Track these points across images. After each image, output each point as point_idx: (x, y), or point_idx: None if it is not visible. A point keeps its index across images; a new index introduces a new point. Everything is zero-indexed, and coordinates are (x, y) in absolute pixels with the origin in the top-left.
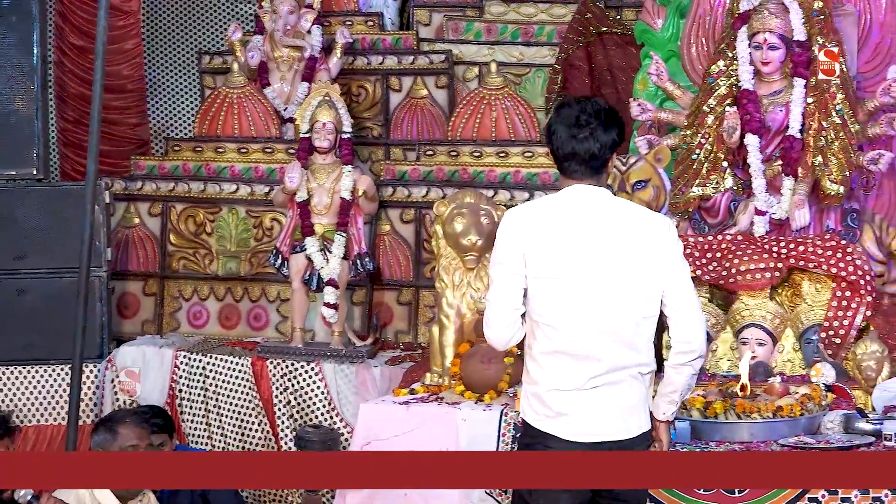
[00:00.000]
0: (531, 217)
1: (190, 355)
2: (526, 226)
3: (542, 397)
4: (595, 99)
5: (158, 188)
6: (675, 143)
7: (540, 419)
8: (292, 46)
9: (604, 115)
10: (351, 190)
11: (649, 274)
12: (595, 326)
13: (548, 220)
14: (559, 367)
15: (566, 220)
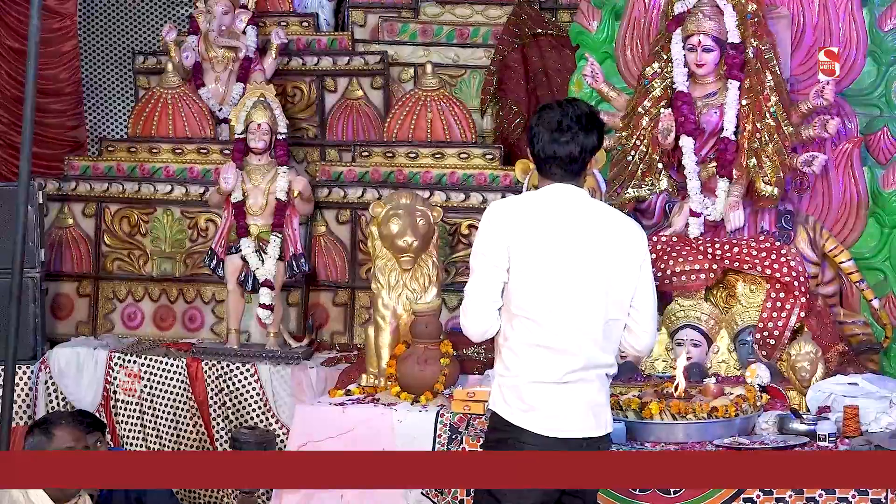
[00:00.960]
0: (516, 211)
1: (125, 357)
2: (511, 220)
3: (519, 389)
4: (578, 102)
5: (92, 189)
6: (610, 145)
7: (513, 412)
8: (227, 47)
9: (585, 120)
10: (286, 191)
11: (622, 277)
12: (573, 322)
13: (532, 216)
14: (538, 359)
15: (549, 218)
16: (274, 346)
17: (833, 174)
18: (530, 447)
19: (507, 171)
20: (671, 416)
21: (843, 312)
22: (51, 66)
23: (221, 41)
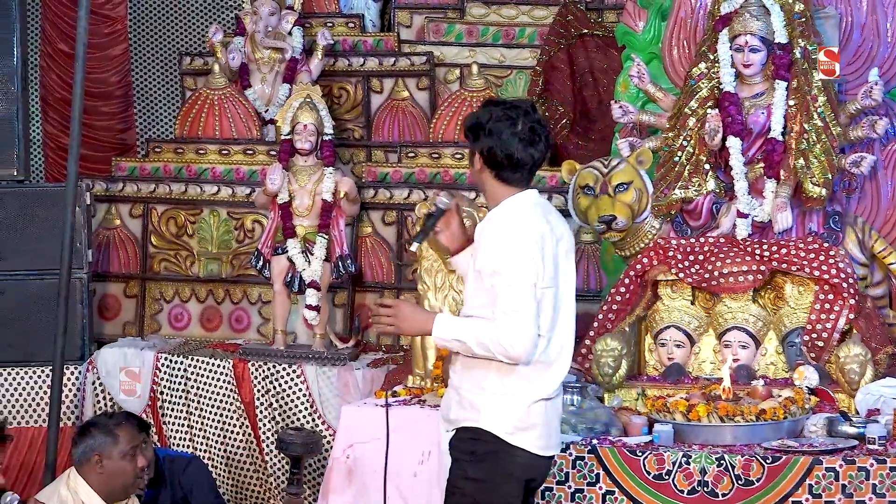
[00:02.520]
0: (538, 228)
1: (171, 357)
2: (538, 238)
3: (522, 408)
4: (530, 102)
5: (140, 190)
6: (657, 146)
7: (510, 431)
8: (273, 48)
9: (544, 123)
10: (332, 192)
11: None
12: (568, 333)
13: (545, 231)
14: (539, 375)
15: (551, 230)
16: (320, 347)
17: (881, 175)
18: (519, 466)
19: (554, 172)
20: (719, 419)
21: (892, 314)
22: (101, 69)
23: (267, 42)
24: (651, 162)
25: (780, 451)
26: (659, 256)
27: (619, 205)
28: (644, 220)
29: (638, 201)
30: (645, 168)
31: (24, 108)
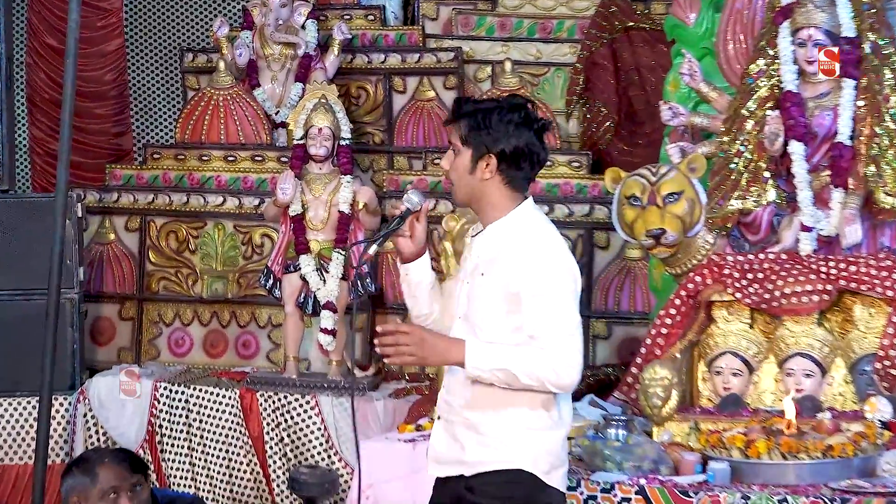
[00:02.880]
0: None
1: (171, 387)
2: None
3: (558, 444)
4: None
5: (136, 200)
6: (710, 151)
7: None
8: (285, 43)
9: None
10: (350, 202)
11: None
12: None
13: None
14: (567, 406)
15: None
16: (336, 375)
17: None
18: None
19: (596, 181)
20: (781, 456)
21: None
22: (94, 67)
23: (278, 37)
24: (704, 169)
25: (849, 493)
26: (713, 275)
27: (669, 217)
28: (697, 235)
29: (690, 213)
30: (698, 176)
31: (8, 110)
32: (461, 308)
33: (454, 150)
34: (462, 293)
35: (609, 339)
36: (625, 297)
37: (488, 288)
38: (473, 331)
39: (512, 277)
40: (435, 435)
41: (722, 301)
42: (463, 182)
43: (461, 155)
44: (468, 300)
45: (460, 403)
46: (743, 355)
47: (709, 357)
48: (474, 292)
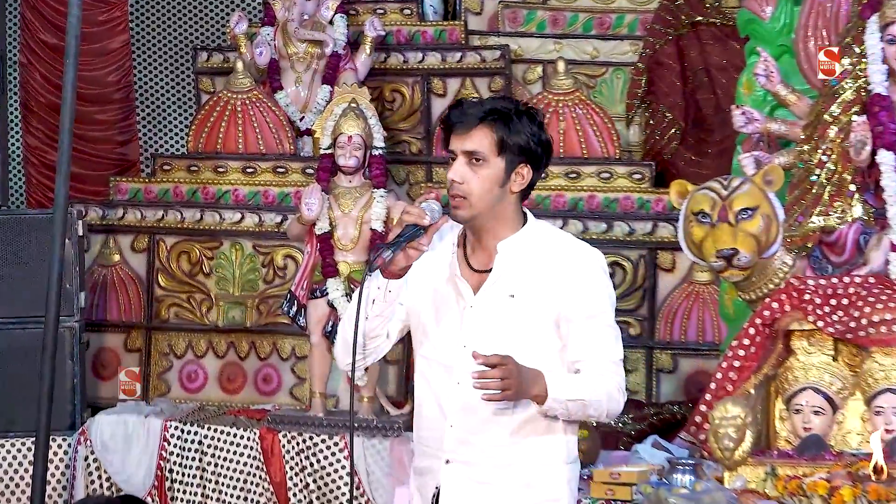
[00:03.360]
0: None
1: (183, 427)
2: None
3: (577, 477)
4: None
5: (144, 217)
6: (789, 162)
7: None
8: (310, 41)
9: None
10: (384, 220)
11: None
12: None
13: None
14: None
15: None
16: (368, 413)
17: None
18: None
19: (660, 195)
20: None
21: None
22: (95, 66)
23: (303, 33)
24: (782, 182)
25: None
26: (792, 301)
27: (743, 236)
28: (773, 255)
29: (765, 231)
30: (774, 190)
31: (0, 116)
32: (466, 336)
33: (476, 160)
34: (467, 319)
35: (675, 373)
36: (692, 326)
37: (524, 310)
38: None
39: (558, 297)
40: (447, 482)
41: (802, 330)
42: (488, 196)
43: (489, 164)
44: (481, 326)
45: (493, 442)
46: (826, 391)
47: (787, 393)
48: (498, 316)
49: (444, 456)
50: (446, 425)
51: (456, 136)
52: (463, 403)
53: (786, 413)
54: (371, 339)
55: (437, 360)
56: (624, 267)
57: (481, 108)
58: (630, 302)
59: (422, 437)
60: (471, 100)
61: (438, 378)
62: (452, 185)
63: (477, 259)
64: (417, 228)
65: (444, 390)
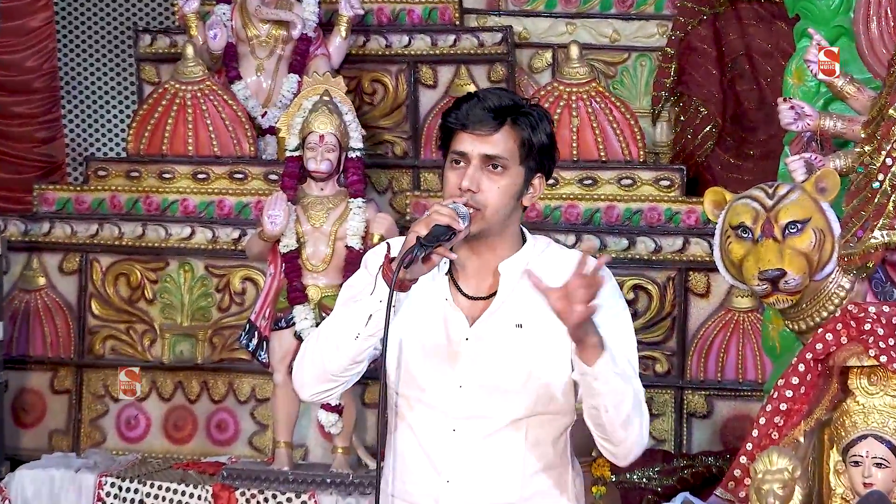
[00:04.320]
0: None
1: (121, 483)
2: None
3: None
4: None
5: (75, 232)
6: (847, 166)
7: None
8: (275, 21)
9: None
10: (362, 235)
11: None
12: None
13: None
14: None
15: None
16: (343, 467)
17: None
18: None
19: (693, 205)
20: None
21: None
22: (12, 48)
23: (266, 13)
24: (838, 190)
25: None
26: (850, 331)
27: (791, 254)
28: (828, 277)
29: (818, 247)
30: (829, 199)
31: None
32: (462, 374)
33: (495, 166)
34: (464, 354)
35: (710, 419)
36: (730, 363)
37: (535, 342)
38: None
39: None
40: None
41: (862, 367)
42: (503, 210)
43: (510, 173)
44: (481, 362)
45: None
46: (890, 440)
47: (844, 442)
48: (503, 349)
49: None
50: (440, 480)
51: (472, 135)
52: (462, 454)
53: (842, 465)
54: (354, 363)
55: (424, 402)
56: (649, 291)
57: (505, 103)
58: (657, 333)
59: (407, 491)
60: (492, 91)
61: (426, 424)
62: (464, 194)
63: (470, 283)
64: (449, 231)
65: (436, 439)
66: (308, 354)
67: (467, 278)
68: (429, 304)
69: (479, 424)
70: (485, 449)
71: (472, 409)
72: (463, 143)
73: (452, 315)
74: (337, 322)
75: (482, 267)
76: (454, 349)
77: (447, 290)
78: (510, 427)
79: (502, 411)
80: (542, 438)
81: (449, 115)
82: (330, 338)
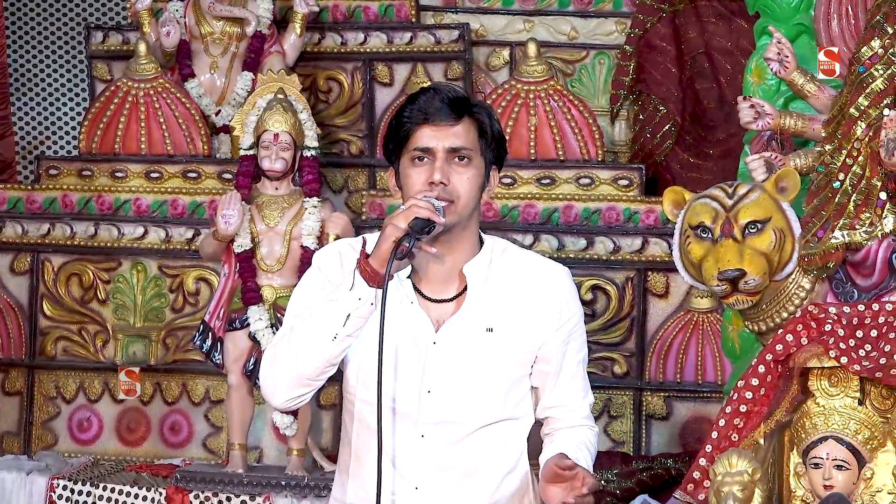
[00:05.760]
0: None
1: (73, 486)
2: None
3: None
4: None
5: (25, 232)
6: (807, 165)
7: None
8: (228, 18)
9: None
10: (317, 235)
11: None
12: None
13: None
14: None
15: None
16: (298, 469)
17: None
18: None
19: (651, 205)
20: None
21: None
22: None
23: (220, 9)
24: (798, 189)
25: None
26: (810, 332)
27: (751, 254)
28: (787, 278)
29: (778, 249)
30: (789, 198)
31: None
32: (430, 379)
33: (461, 158)
34: (431, 358)
35: (668, 420)
36: (690, 364)
37: (504, 346)
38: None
39: (537, 329)
40: None
41: (822, 368)
42: (472, 202)
43: (473, 164)
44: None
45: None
46: (850, 442)
47: (804, 444)
48: (471, 354)
49: None
50: (408, 487)
51: (435, 129)
52: (430, 461)
53: (802, 468)
54: (330, 366)
55: (390, 408)
56: (608, 292)
57: (461, 95)
58: (615, 334)
59: (370, 500)
60: (443, 85)
61: (391, 429)
62: (433, 188)
63: (431, 285)
64: (429, 224)
65: (402, 444)
66: (278, 360)
67: (429, 282)
68: (393, 307)
69: (447, 430)
70: (454, 454)
71: (440, 415)
72: (425, 138)
73: (418, 319)
74: (311, 324)
75: (445, 270)
76: (421, 354)
77: (412, 293)
78: (479, 432)
79: (471, 416)
80: (509, 442)
81: (404, 112)
82: (303, 341)
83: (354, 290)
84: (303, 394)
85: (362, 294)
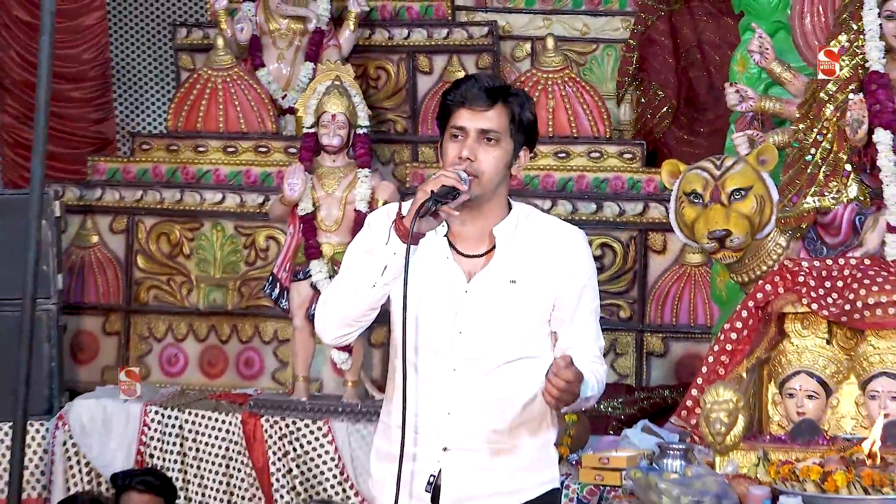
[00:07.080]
0: None
1: (163, 411)
2: None
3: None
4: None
5: (123, 198)
6: (783, 141)
7: None
8: (293, 17)
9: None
10: (368, 200)
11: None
12: None
13: None
14: None
15: None
16: (353, 398)
17: None
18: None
19: (651, 175)
20: (862, 490)
21: None
22: (71, 43)
23: (285, 9)
24: (776, 161)
25: None
26: (786, 283)
27: (735, 216)
28: (767, 237)
29: (759, 212)
30: (768, 169)
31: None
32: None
33: (490, 139)
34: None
35: (665, 357)
36: (683, 309)
37: (526, 296)
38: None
39: (555, 281)
40: (448, 470)
41: (796, 313)
42: (496, 178)
43: (501, 145)
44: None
45: (494, 428)
46: (819, 375)
47: (780, 377)
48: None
49: (441, 444)
50: (442, 412)
51: (470, 112)
52: (461, 391)
53: (779, 397)
54: (371, 310)
55: (428, 346)
56: (614, 248)
57: (497, 85)
58: (620, 284)
59: (411, 423)
60: (485, 75)
61: (429, 365)
62: (462, 162)
63: (465, 243)
64: (454, 191)
65: (438, 377)
66: (329, 303)
67: (464, 240)
68: (431, 261)
69: (476, 365)
70: (482, 385)
71: (470, 352)
72: (461, 118)
73: (453, 271)
74: (355, 273)
75: (476, 230)
76: (454, 300)
77: (447, 249)
78: (503, 367)
79: (496, 354)
80: (529, 376)
81: (448, 95)
82: (349, 287)
83: (390, 244)
84: (348, 332)
85: (396, 249)
